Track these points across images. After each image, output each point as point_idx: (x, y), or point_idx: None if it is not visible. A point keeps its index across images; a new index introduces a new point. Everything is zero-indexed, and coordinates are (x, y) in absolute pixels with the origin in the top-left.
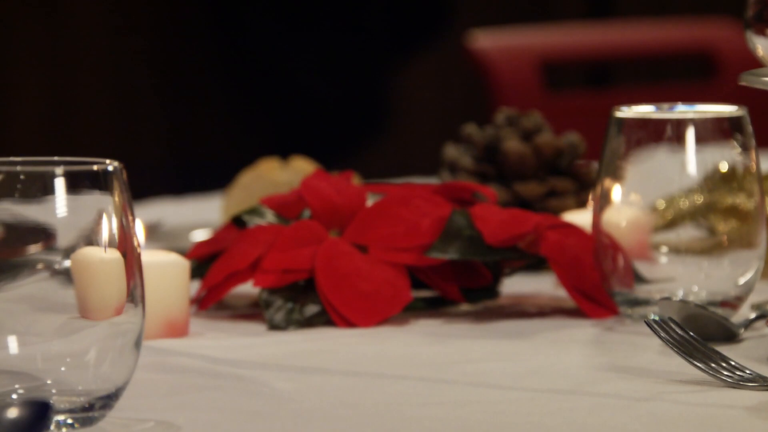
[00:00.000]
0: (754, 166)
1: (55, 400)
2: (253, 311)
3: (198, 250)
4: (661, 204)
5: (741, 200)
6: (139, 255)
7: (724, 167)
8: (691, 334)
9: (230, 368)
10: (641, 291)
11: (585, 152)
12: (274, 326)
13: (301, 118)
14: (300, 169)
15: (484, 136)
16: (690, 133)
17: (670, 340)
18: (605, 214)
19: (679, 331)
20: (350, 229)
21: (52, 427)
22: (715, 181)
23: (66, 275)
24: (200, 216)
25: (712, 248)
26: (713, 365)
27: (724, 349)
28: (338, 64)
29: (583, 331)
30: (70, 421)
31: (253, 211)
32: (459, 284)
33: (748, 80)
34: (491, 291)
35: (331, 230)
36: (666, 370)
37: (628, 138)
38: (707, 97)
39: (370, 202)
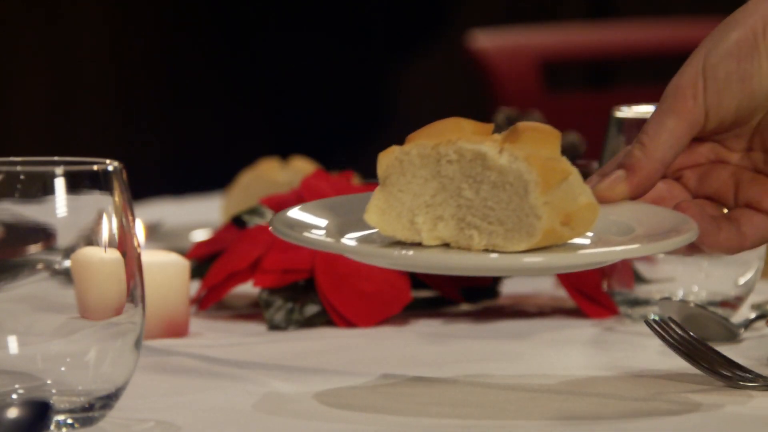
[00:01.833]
0: None
1: (55, 400)
2: (253, 311)
3: (198, 250)
4: None
5: None
6: (139, 255)
7: None
8: (691, 334)
9: (230, 368)
10: (641, 291)
11: (585, 152)
12: (274, 326)
13: (301, 118)
14: (300, 169)
15: None
16: None
17: (670, 340)
18: None
19: (679, 331)
20: None
21: (52, 427)
22: None
23: (66, 275)
24: (200, 216)
25: None
26: (713, 365)
27: (724, 349)
28: (338, 64)
29: (583, 331)
30: (70, 421)
31: (253, 211)
32: (459, 284)
33: (274, 228)
34: (491, 291)
35: None
36: (666, 370)
37: (628, 138)
38: None
39: None
